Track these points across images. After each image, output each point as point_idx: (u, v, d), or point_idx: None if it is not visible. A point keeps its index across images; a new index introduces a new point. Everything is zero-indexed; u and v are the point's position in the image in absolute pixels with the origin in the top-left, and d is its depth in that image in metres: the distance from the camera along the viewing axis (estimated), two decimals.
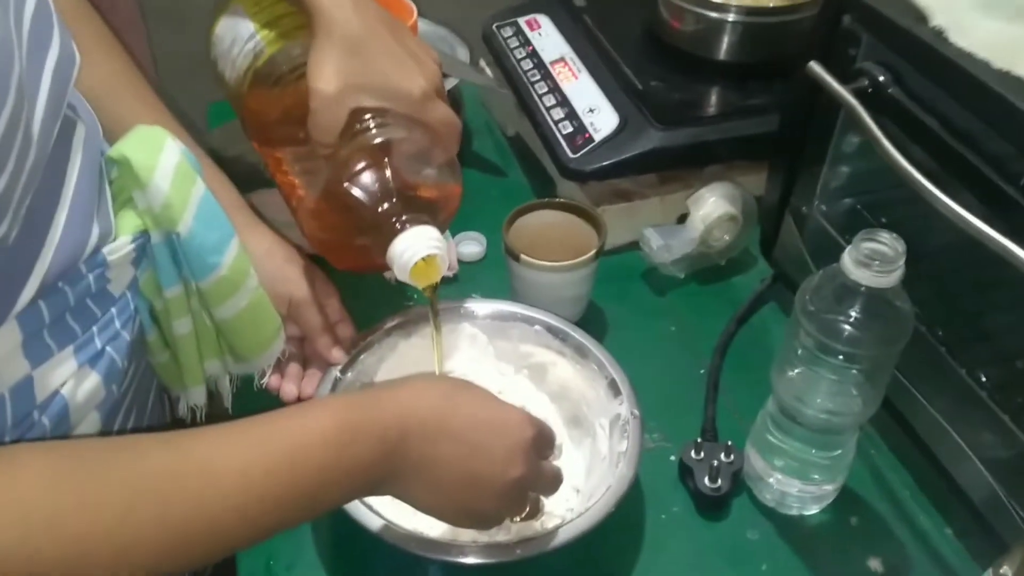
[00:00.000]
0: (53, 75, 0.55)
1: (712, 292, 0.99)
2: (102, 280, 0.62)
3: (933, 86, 0.65)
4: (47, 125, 0.54)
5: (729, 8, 1.01)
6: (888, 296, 0.61)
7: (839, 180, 0.85)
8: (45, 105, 0.53)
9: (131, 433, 0.69)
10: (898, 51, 0.69)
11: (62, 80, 0.57)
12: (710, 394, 0.85)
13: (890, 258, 0.59)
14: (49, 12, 0.57)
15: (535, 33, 1.13)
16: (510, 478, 0.59)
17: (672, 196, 1.02)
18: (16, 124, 0.49)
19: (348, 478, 0.54)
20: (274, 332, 0.76)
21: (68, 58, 0.58)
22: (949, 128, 0.64)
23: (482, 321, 0.84)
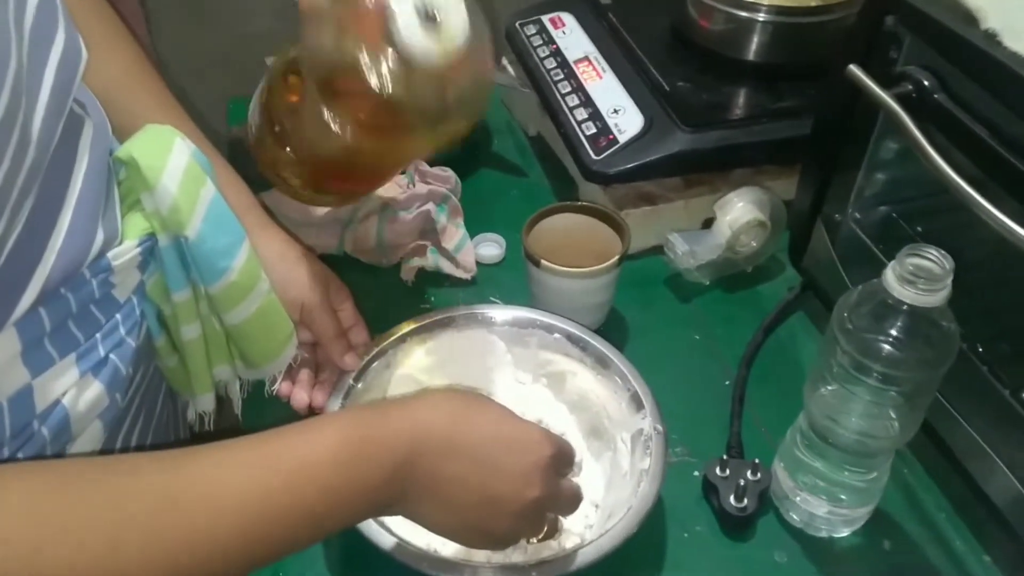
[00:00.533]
0: (57, 71, 0.52)
1: (738, 300, 0.95)
2: (107, 285, 0.59)
3: (983, 92, 0.61)
4: (49, 123, 0.51)
5: (760, 7, 0.97)
6: (933, 316, 0.57)
7: (875, 187, 0.82)
8: (47, 103, 0.50)
9: (138, 441, 0.67)
10: (946, 55, 0.64)
11: (67, 76, 0.54)
12: (736, 408, 0.81)
13: (937, 276, 0.55)
14: (54, 6, 0.54)
15: (559, 31, 1.09)
16: (528, 499, 0.56)
17: (698, 200, 0.98)
18: (11, 122, 0.46)
19: (356, 498, 0.51)
20: (286, 338, 0.73)
21: (74, 53, 0.55)
22: (1000, 137, 0.60)
23: (500, 327, 0.81)
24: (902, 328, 0.57)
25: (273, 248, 0.73)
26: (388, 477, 0.52)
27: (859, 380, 0.60)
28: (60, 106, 0.53)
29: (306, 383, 0.76)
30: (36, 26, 0.50)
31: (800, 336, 0.90)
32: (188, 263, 0.65)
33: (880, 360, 0.58)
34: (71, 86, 0.55)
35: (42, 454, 0.56)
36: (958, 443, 0.71)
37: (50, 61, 0.52)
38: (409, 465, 0.52)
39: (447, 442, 0.54)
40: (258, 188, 1.00)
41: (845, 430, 0.64)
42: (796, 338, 0.90)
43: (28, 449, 0.55)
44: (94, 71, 0.62)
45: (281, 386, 0.75)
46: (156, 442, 0.71)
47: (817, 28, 0.97)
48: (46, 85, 0.51)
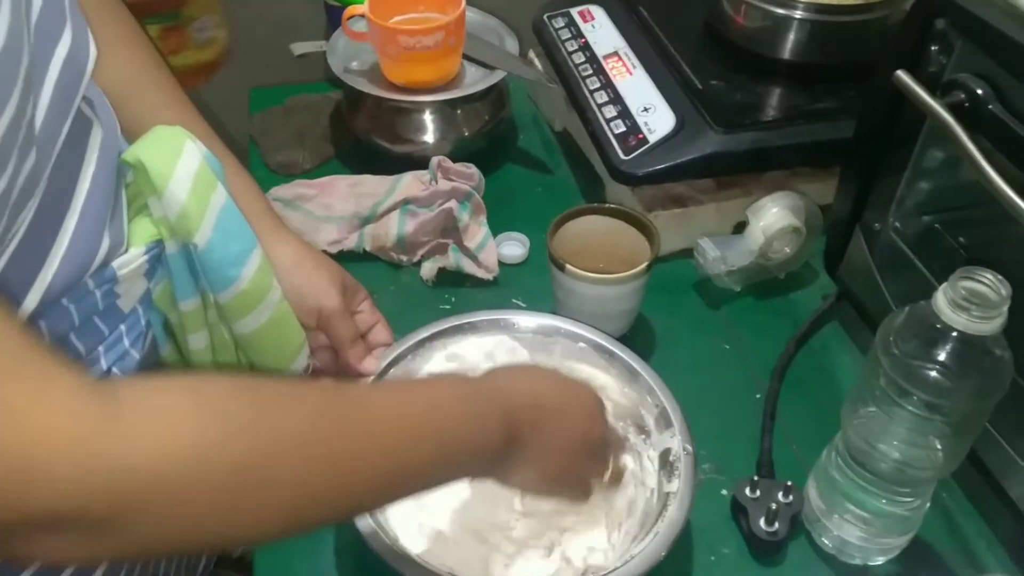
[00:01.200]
0: (62, 70, 0.49)
1: (769, 308, 0.91)
2: (111, 296, 0.56)
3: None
4: (51, 124, 0.48)
5: (797, 4, 0.92)
6: (986, 344, 0.53)
7: (917, 196, 0.77)
8: (49, 103, 0.47)
9: None
10: (1001, 62, 0.60)
11: (73, 75, 0.51)
12: (767, 423, 0.77)
13: (992, 302, 0.51)
14: (61, 2, 0.51)
15: (588, 25, 1.05)
16: (597, 434, 0.62)
17: (730, 203, 0.94)
18: (20, 122, 0.43)
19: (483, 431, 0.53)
20: (297, 348, 0.70)
21: (82, 51, 0.52)
22: None
23: (523, 334, 0.77)
24: (951, 355, 0.54)
25: (288, 255, 0.70)
26: (498, 420, 0.54)
27: (902, 407, 0.57)
28: (65, 106, 0.50)
29: None
30: (42, 20, 0.48)
31: (834, 347, 0.87)
32: (197, 271, 0.62)
33: (926, 388, 0.55)
34: (78, 85, 0.52)
35: None
36: (1002, 470, 0.67)
37: (55, 58, 0.49)
38: (512, 413, 0.55)
39: (532, 398, 0.58)
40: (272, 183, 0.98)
41: (884, 457, 0.60)
42: (830, 349, 0.86)
43: None
44: (105, 69, 0.59)
45: None
46: None
47: (857, 27, 0.92)
48: (49, 83, 0.48)
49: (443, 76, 1.00)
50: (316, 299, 0.70)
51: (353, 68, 1.03)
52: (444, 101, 1.00)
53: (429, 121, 1.01)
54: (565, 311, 0.84)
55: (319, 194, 0.97)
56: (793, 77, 0.96)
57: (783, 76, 0.96)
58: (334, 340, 0.72)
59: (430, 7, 1.00)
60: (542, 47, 1.09)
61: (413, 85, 0.99)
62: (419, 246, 0.93)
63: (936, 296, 0.53)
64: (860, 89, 0.92)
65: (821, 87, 0.95)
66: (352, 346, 0.72)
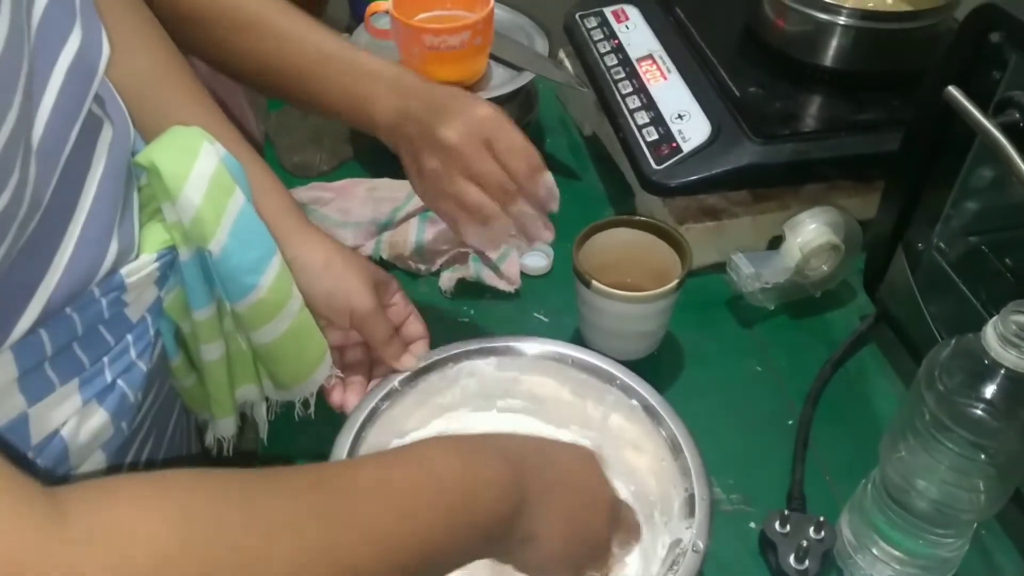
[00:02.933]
0: (68, 72, 0.48)
1: (805, 328, 0.89)
2: (118, 304, 0.55)
3: None
4: (58, 130, 0.47)
5: (841, 9, 0.91)
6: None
7: (964, 215, 0.76)
8: (52, 108, 0.47)
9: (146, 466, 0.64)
10: None
11: (82, 78, 0.50)
12: (799, 452, 0.76)
13: None
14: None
15: (622, 25, 1.04)
16: (610, 496, 0.60)
17: (766, 217, 0.92)
18: (20, 134, 0.42)
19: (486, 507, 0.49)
20: (318, 358, 0.70)
21: (92, 52, 0.52)
22: None
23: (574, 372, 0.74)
24: (999, 393, 0.52)
25: (318, 256, 0.68)
26: (507, 478, 0.51)
27: (944, 444, 0.55)
28: (74, 110, 0.50)
29: (359, 388, 0.73)
30: (45, 20, 0.47)
31: (872, 372, 0.85)
32: (212, 278, 0.61)
33: (971, 427, 0.53)
34: (88, 88, 0.51)
35: None
36: None
37: (60, 61, 0.48)
38: (521, 466, 0.53)
39: (538, 454, 0.56)
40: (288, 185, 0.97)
41: (922, 496, 0.59)
42: (868, 374, 0.85)
43: None
44: (122, 67, 0.58)
45: (333, 395, 0.72)
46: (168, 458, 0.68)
47: (904, 35, 0.91)
48: (52, 88, 0.47)
49: (469, 77, 0.99)
50: (348, 300, 0.69)
51: None
52: None
53: None
54: (589, 328, 0.83)
55: (336, 198, 0.97)
56: (835, 85, 0.94)
57: (825, 84, 0.95)
58: (369, 339, 0.71)
59: (457, 4, 0.99)
60: (573, 47, 1.08)
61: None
62: (438, 255, 0.92)
63: (985, 330, 0.52)
64: (905, 100, 0.91)
65: (864, 97, 0.93)
66: (388, 344, 0.71)
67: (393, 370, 0.72)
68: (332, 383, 0.71)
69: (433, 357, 0.73)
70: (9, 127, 0.40)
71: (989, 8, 0.63)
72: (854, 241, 0.87)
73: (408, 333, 0.75)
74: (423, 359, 0.73)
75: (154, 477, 0.38)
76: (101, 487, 0.37)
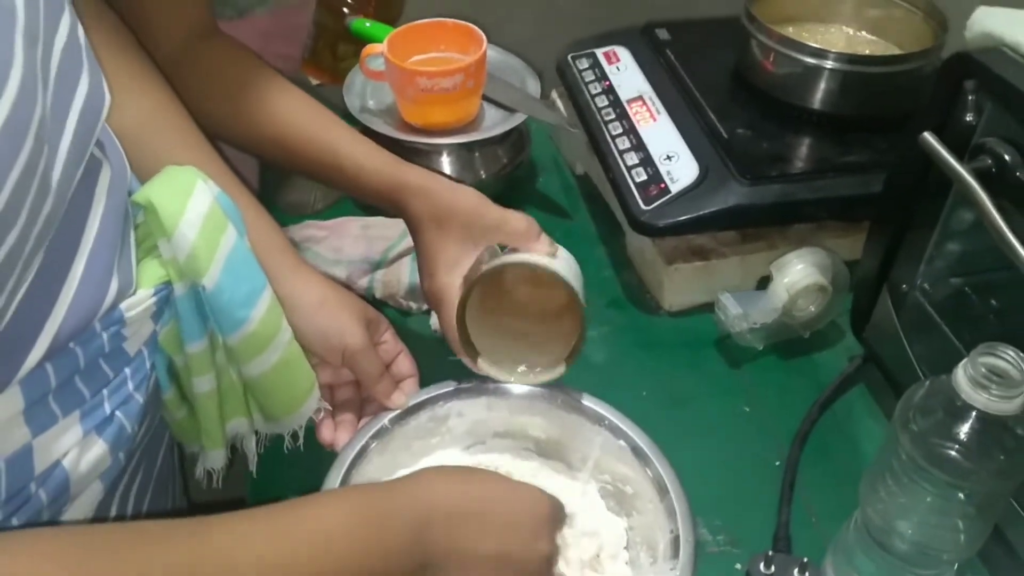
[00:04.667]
0: (80, 117, 0.52)
1: (793, 368, 0.92)
2: (118, 338, 0.59)
3: None
4: (68, 172, 0.51)
5: (827, 53, 0.94)
6: (1008, 423, 0.54)
7: (947, 257, 0.79)
8: (68, 150, 0.50)
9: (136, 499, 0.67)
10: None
11: (89, 121, 0.54)
12: (785, 493, 0.78)
13: (1015, 381, 0.52)
14: (79, 48, 0.54)
15: (613, 67, 1.08)
16: (541, 553, 0.60)
17: (754, 257, 0.95)
18: (32, 172, 0.45)
19: (377, 568, 0.53)
20: (307, 391, 0.72)
21: (98, 98, 0.55)
22: None
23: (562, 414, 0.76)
24: (972, 434, 0.55)
25: (312, 294, 0.72)
26: (407, 547, 0.54)
27: (921, 485, 0.58)
28: (81, 153, 0.53)
29: (349, 425, 0.75)
30: (61, 70, 0.50)
31: (860, 413, 0.88)
32: (205, 312, 0.64)
33: (945, 468, 0.56)
34: (93, 131, 0.55)
35: (37, 519, 0.56)
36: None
37: (74, 105, 0.52)
38: (426, 533, 0.55)
39: (458, 506, 0.57)
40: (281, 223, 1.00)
41: (904, 537, 0.61)
42: (855, 415, 0.87)
43: (23, 513, 0.54)
44: (119, 110, 0.62)
45: (323, 433, 0.74)
46: (154, 499, 0.71)
47: (889, 79, 0.95)
48: (69, 130, 0.51)
49: (461, 118, 1.03)
50: (340, 338, 0.72)
51: (370, 107, 1.07)
52: (462, 144, 1.03)
53: (446, 163, 1.04)
54: None
55: (329, 236, 1.00)
56: (823, 128, 0.98)
57: (812, 126, 0.99)
58: (361, 377, 0.74)
59: (451, 47, 1.03)
60: (565, 88, 1.12)
61: (430, 126, 1.02)
62: None
63: (956, 372, 0.55)
64: (892, 142, 0.94)
65: (851, 138, 0.97)
66: (379, 381, 0.74)
67: (383, 408, 0.75)
68: (321, 417, 0.74)
69: (423, 396, 0.76)
70: (19, 170, 0.43)
71: (962, 57, 0.67)
72: (841, 282, 0.90)
73: (398, 371, 0.77)
74: (413, 397, 0.75)
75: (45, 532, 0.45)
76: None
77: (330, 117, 0.79)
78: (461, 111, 1.03)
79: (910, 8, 1.03)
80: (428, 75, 0.97)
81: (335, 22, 1.20)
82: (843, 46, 1.06)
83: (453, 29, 1.03)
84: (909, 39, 1.02)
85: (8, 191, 0.43)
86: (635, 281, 1.01)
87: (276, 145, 0.78)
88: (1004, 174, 0.63)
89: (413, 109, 1.01)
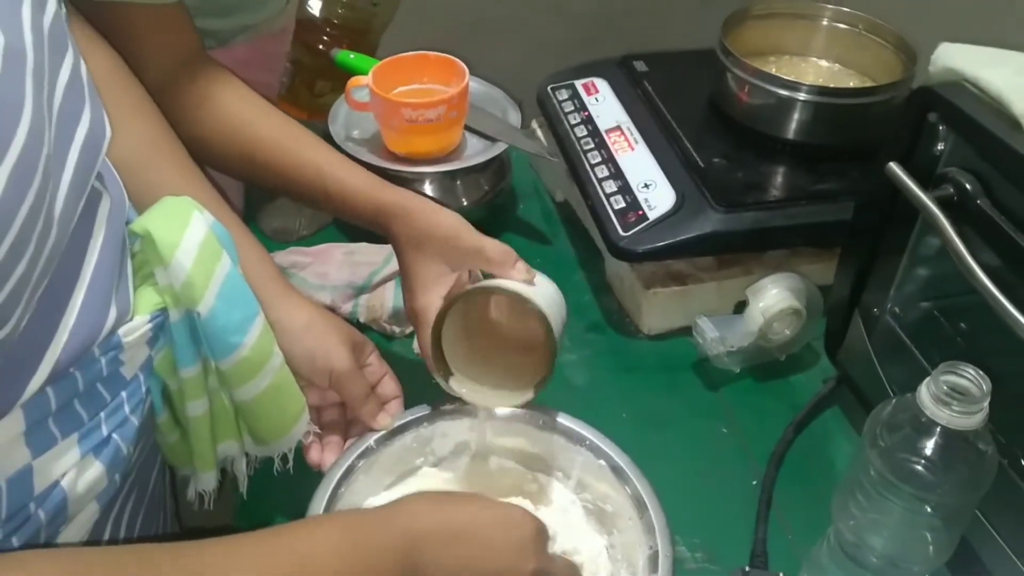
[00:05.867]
0: (81, 151, 0.54)
1: (769, 390, 0.95)
2: (115, 363, 0.61)
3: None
4: (70, 204, 0.53)
5: (800, 86, 0.98)
6: (970, 438, 0.57)
7: (916, 282, 0.82)
8: (70, 183, 0.53)
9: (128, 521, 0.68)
10: (988, 159, 0.66)
11: (90, 156, 0.56)
12: (762, 511, 0.81)
13: (974, 397, 0.56)
14: (81, 84, 0.56)
15: (592, 98, 1.12)
16: (527, 570, 0.61)
17: (730, 282, 0.99)
18: (39, 208, 0.48)
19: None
20: (296, 414, 0.75)
21: (99, 132, 0.58)
22: None
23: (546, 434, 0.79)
24: (937, 449, 0.58)
25: (300, 318, 0.75)
26: (395, 568, 0.56)
27: (890, 500, 0.61)
28: (82, 185, 0.55)
29: (336, 447, 0.78)
30: (63, 106, 0.53)
31: (834, 433, 0.91)
32: (199, 338, 0.67)
33: (912, 481, 0.59)
34: (94, 164, 0.57)
35: (36, 539, 0.57)
36: (996, 566, 0.71)
37: (75, 141, 0.54)
38: (413, 556, 0.57)
39: (444, 528, 0.60)
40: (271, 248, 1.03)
41: (875, 551, 0.64)
42: (830, 435, 0.91)
43: (23, 532, 0.56)
44: (117, 142, 0.64)
45: (311, 454, 0.77)
46: (146, 522, 0.72)
47: (860, 110, 0.99)
48: (70, 165, 0.53)
49: (444, 147, 1.06)
50: (327, 361, 0.75)
51: (354, 136, 1.10)
52: (444, 172, 1.06)
53: (429, 191, 1.07)
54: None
55: (314, 262, 1.02)
56: (796, 157, 1.02)
57: (786, 155, 1.03)
58: (347, 399, 0.77)
59: (434, 79, 1.06)
60: (545, 118, 1.15)
61: (414, 155, 1.05)
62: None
63: (920, 390, 0.58)
64: (863, 171, 0.98)
65: (824, 167, 1.01)
66: (365, 403, 0.77)
67: (369, 429, 0.77)
68: (310, 440, 0.76)
69: (408, 417, 0.79)
70: (29, 203, 0.46)
71: (926, 91, 0.71)
72: (815, 306, 0.93)
73: (383, 392, 0.80)
74: (398, 419, 0.78)
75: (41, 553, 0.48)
76: None
77: (314, 139, 0.83)
78: (444, 141, 1.06)
79: (881, 42, 1.07)
80: (413, 106, 1.00)
81: (312, 59, 1.23)
82: (815, 78, 1.10)
83: (436, 61, 1.07)
84: (880, 72, 1.06)
85: (17, 227, 0.45)
86: (614, 306, 1.04)
87: (264, 168, 0.81)
88: (965, 202, 0.67)
89: (397, 139, 1.05)
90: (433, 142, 1.05)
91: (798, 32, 1.13)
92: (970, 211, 0.67)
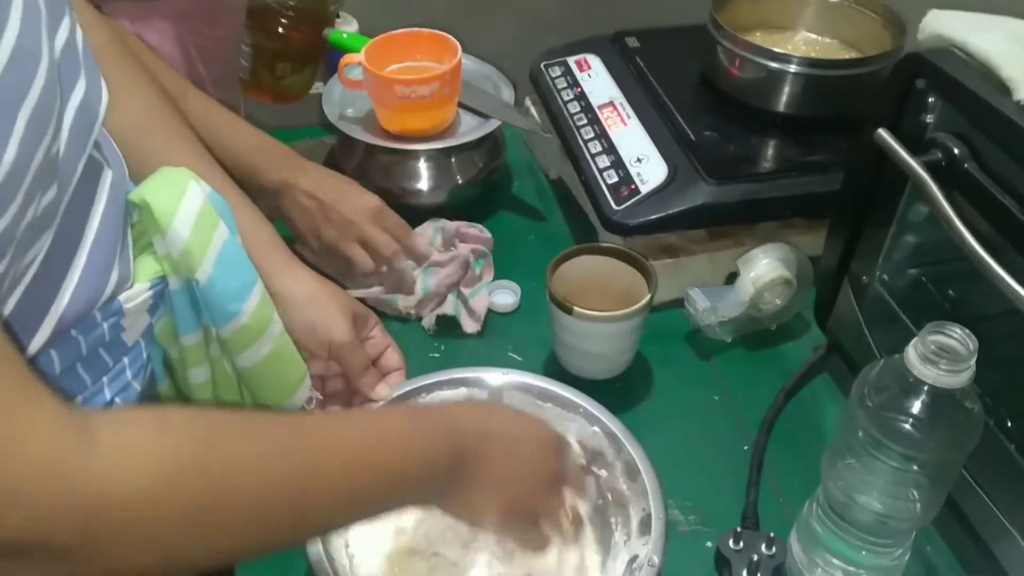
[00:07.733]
0: (77, 112, 0.55)
1: (760, 359, 0.96)
2: (117, 328, 0.61)
3: (1014, 164, 0.62)
4: (69, 162, 0.54)
5: (791, 58, 0.98)
6: (956, 396, 0.57)
7: (904, 249, 0.83)
8: (66, 142, 0.53)
9: None
10: (976, 123, 0.66)
11: (87, 120, 0.57)
12: (753, 475, 0.81)
13: (961, 356, 0.56)
14: (76, 51, 0.57)
15: (584, 74, 1.12)
16: (551, 468, 0.67)
17: (721, 254, 0.99)
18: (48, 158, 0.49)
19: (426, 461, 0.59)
20: (297, 380, 0.76)
21: (95, 99, 0.58)
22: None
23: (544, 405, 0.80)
24: (924, 408, 0.58)
25: (303, 289, 0.76)
26: (442, 457, 0.60)
27: (879, 459, 0.61)
28: (80, 147, 0.56)
29: None
30: (61, 65, 0.53)
31: (824, 400, 0.91)
32: (199, 306, 0.67)
33: (899, 440, 0.59)
34: (91, 129, 0.58)
35: None
36: (983, 523, 0.72)
37: (71, 101, 0.55)
38: (460, 442, 0.61)
39: (483, 426, 0.65)
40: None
41: (863, 509, 0.64)
42: (820, 402, 0.91)
43: None
44: (115, 112, 0.64)
45: None
46: None
47: (849, 81, 0.99)
48: (66, 126, 0.54)
49: (438, 125, 1.06)
50: (328, 332, 0.76)
51: (348, 115, 1.09)
52: (439, 149, 1.05)
53: (423, 169, 1.07)
54: (566, 352, 0.88)
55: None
56: (786, 129, 1.02)
57: (776, 128, 1.03)
58: (346, 369, 0.78)
59: (427, 56, 1.06)
60: (538, 95, 1.15)
61: (408, 133, 1.05)
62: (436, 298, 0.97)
63: (907, 350, 0.58)
64: (852, 142, 0.98)
65: (814, 139, 1.01)
66: (364, 374, 0.78)
67: (369, 400, 0.77)
68: (312, 406, 0.76)
69: (406, 387, 0.79)
70: (44, 148, 0.47)
71: (914, 57, 0.71)
72: (805, 276, 0.94)
73: (386, 364, 0.81)
74: (396, 389, 0.78)
75: (162, 413, 0.49)
76: (123, 415, 0.50)
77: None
78: (438, 118, 1.06)
79: (870, 14, 1.07)
80: (406, 83, 1.00)
81: (271, 42, 1.22)
82: (805, 51, 1.10)
83: (428, 39, 1.07)
84: (869, 44, 1.06)
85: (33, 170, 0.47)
86: None
87: None
88: (954, 167, 0.67)
89: (391, 116, 1.04)
90: (426, 119, 1.04)
91: (788, 6, 1.13)
92: (958, 176, 0.67)
